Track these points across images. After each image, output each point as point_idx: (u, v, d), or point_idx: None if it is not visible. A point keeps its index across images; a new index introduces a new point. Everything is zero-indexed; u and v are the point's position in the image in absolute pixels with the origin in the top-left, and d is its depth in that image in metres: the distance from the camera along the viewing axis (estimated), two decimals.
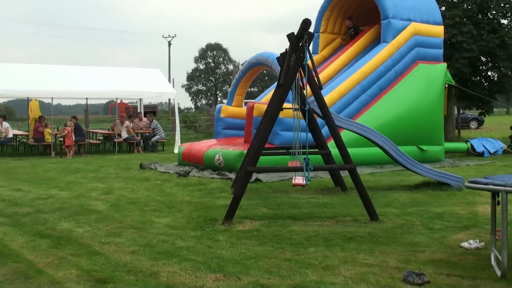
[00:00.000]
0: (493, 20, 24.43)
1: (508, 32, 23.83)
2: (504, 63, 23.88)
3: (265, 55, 17.84)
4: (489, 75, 25.66)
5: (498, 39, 23.43)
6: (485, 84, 25.43)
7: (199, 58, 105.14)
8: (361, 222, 8.47)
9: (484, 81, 25.56)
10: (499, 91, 25.80)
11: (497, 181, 5.93)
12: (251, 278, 5.72)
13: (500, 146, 20.24)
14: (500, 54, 23.73)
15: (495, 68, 24.80)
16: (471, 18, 23.76)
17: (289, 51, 9.44)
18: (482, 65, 25.24)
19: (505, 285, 5.39)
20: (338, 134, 9.65)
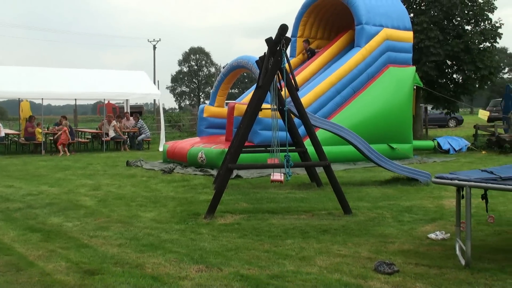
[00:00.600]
0: (458, 26, 24.61)
1: (472, 37, 24.02)
2: (468, 66, 24.07)
3: (245, 58, 17.84)
4: (454, 77, 25.84)
5: (463, 44, 23.63)
6: (451, 86, 25.61)
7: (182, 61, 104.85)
8: (335, 216, 8.50)
9: (450, 83, 25.74)
10: (463, 92, 26.00)
11: (462, 176, 5.98)
12: (232, 268, 5.72)
13: (465, 144, 20.40)
14: (464, 58, 23.91)
15: (460, 71, 24.98)
16: (438, 24, 23.93)
17: (267, 55, 9.44)
18: (448, 68, 25.43)
19: (468, 273, 5.44)
20: (313, 133, 9.68)
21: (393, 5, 18.39)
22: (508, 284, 5.08)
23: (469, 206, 5.64)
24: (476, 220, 7.68)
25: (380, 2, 17.90)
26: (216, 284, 5.23)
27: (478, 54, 24.11)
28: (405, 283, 5.19)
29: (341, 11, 18.80)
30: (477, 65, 23.95)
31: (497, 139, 19.50)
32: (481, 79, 25.09)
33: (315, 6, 18.93)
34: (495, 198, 9.22)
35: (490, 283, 5.14)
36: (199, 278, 5.41)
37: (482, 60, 24.03)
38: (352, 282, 5.24)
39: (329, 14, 19.55)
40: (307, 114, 9.90)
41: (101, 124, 25.50)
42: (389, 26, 17.72)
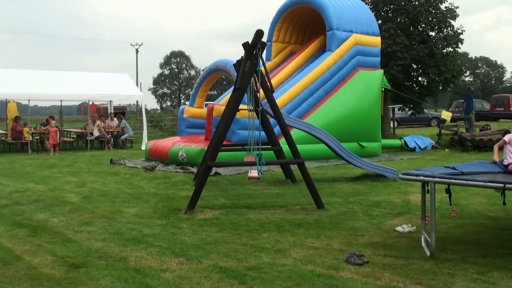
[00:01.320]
0: (423, 32, 24.81)
1: (436, 43, 24.24)
2: (432, 70, 24.29)
3: (223, 61, 17.82)
4: (419, 80, 26.04)
5: (427, 49, 23.83)
6: (416, 88, 25.81)
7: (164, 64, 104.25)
8: (309, 210, 8.52)
9: (415, 86, 25.94)
10: (428, 94, 26.22)
11: (427, 172, 6.04)
12: (211, 261, 5.70)
13: (429, 142, 20.59)
14: (429, 62, 24.12)
15: (425, 74, 25.20)
16: (404, 30, 24.10)
17: (244, 58, 9.43)
18: (413, 72, 25.61)
19: (433, 263, 5.49)
20: (288, 132, 9.69)
21: (362, 12, 18.49)
22: (470, 273, 5.13)
23: (433, 200, 5.69)
24: (440, 213, 7.75)
25: (350, 9, 17.99)
26: (196, 276, 5.21)
27: (442, 58, 24.34)
28: (374, 273, 5.22)
29: (314, 17, 18.84)
30: (441, 68, 24.18)
31: (459, 138, 19.71)
32: (444, 81, 25.34)
33: (289, 12, 18.95)
34: (458, 193, 9.32)
35: (453, 272, 5.19)
36: (180, 270, 5.39)
37: (445, 64, 24.27)
38: (325, 273, 5.26)
39: (302, 20, 19.58)
40: (282, 115, 9.91)
41: (85, 124, 25.24)
42: (359, 32, 17.82)
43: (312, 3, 17.82)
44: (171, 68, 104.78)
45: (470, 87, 26.05)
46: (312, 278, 5.07)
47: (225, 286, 4.94)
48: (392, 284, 4.88)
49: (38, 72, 24.45)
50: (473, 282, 4.89)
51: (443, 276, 5.07)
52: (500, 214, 7.99)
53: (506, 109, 38.83)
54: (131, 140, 25.28)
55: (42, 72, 24.64)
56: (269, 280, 5.04)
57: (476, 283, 4.86)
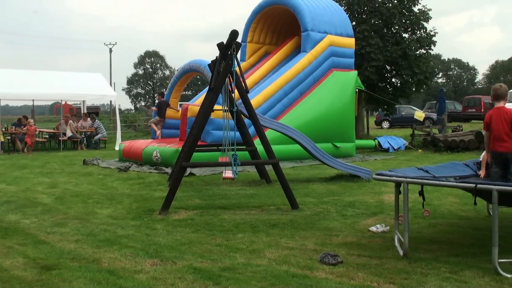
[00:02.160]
0: (396, 34, 25.08)
1: (409, 44, 24.52)
2: (405, 71, 24.57)
3: (197, 62, 17.79)
4: (393, 81, 26.33)
5: (401, 50, 24.10)
6: (390, 89, 26.08)
7: (138, 64, 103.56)
8: (284, 211, 8.54)
9: (389, 87, 26.21)
10: (401, 95, 26.52)
11: (400, 173, 6.11)
12: (186, 262, 5.68)
13: (403, 143, 20.79)
14: (402, 63, 24.40)
15: (398, 75, 25.48)
16: (378, 32, 24.33)
17: (219, 59, 9.41)
18: (387, 73, 25.88)
19: (406, 263, 5.54)
20: (263, 132, 9.71)
21: (336, 13, 18.61)
22: (442, 272, 5.19)
23: (406, 200, 5.75)
24: (413, 213, 7.82)
25: (324, 10, 18.09)
26: (170, 277, 5.18)
27: (415, 60, 24.64)
28: (348, 273, 5.25)
29: (288, 18, 18.90)
30: (414, 70, 24.48)
31: (432, 138, 19.94)
32: (418, 83, 25.67)
33: (264, 13, 18.97)
34: (430, 193, 9.42)
35: (426, 271, 5.25)
36: (154, 272, 5.35)
37: (418, 66, 24.57)
38: (299, 273, 5.27)
39: (277, 20, 19.63)
40: (256, 115, 9.92)
41: (58, 124, 24.96)
42: (333, 33, 17.92)
43: (287, 4, 17.88)
44: (145, 68, 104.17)
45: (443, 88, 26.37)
46: (287, 278, 5.08)
47: (200, 287, 4.92)
48: (366, 284, 4.91)
49: (9, 71, 24.10)
50: (446, 281, 4.95)
51: (416, 275, 5.12)
52: (472, 214, 8.10)
53: (477, 110, 39.44)
54: (104, 141, 25.09)
55: (13, 71, 24.30)
56: (243, 281, 5.04)
57: (449, 282, 4.92)
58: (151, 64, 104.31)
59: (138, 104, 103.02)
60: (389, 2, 24.85)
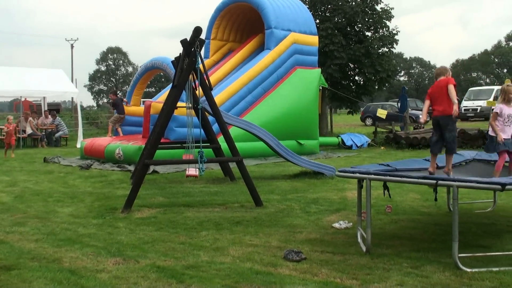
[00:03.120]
0: (359, 32, 25.35)
1: (372, 43, 24.82)
2: (368, 69, 24.86)
3: (160, 59, 17.69)
4: (356, 79, 26.61)
5: (363, 49, 24.37)
6: (353, 87, 26.35)
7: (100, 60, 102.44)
8: (248, 208, 8.54)
9: (352, 85, 26.48)
10: (364, 93, 26.84)
11: (362, 170, 6.16)
12: (149, 260, 5.63)
13: (366, 140, 21.04)
14: (365, 61, 24.67)
15: (361, 73, 25.76)
16: (341, 30, 24.54)
17: (182, 56, 9.36)
18: (350, 71, 26.14)
19: (369, 258, 5.61)
20: (227, 130, 9.70)
21: (300, 11, 18.70)
22: (404, 267, 5.27)
23: (369, 197, 5.81)
24: (376, 210, 7.92)
25: (288, 8, 18.16)
26: (133, 276, 5.13)
27: (377, 58, 24.95)
28: (312, 269, 5.28)
29: (252, 16, 18.90)
30: (377, 68, 24.79)
31: (394, 136, 20.23)
32: (380, 81, 26.01)
33: (228, 10, 18.93)
34: (392, 189, 9.48)
35: (388, 267, 5.31)
36: (116, 271, 5.29)
37: (381, 64, 24.89)
38: (263, 270, 5.28)
39: (241, 18, 19.61)
40: (220, 112, 9.90)
41: (17, 121, 24.46)
42: (297, 31, 18.00)
43: (250, 1, 17.88)
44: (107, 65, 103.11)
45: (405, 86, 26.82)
46: (251, 276, 5.08)
47: (163, 285, 4.88)
48: (329, 280, 4.95)
49: None
50: (407, 276, 5.02)
51: (378, 271, 5.18)
52: (433, 210, 8.24)
53: None
54: (65, 138, 24.73)
55: None
56: (207, 279, 5.02)
57: (410, 276, 4.99)
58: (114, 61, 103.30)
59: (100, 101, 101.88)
60: (352, 1, 25.12)
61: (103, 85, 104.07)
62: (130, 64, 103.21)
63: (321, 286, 4.80)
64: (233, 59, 18.11)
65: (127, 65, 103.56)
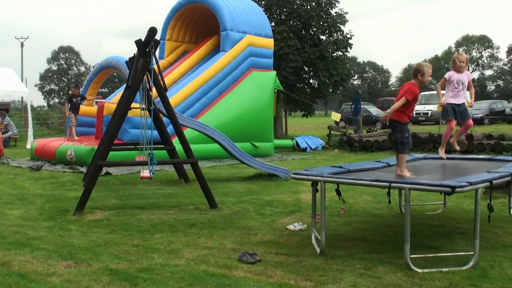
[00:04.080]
0: (314, 36, 25.61)
1: (326, 46, 25.10)
2: (323, 73, 25.14)
3: (114, 58, 17.48)
4: (311, 82, 26.87)
5: (318, 52, 24.63)
6: (308, 90, 26.60)
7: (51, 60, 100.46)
8: (202, 210, 8.51)
9: (307, 88, 26.73)
10: (319, 96, 27.13)
11: (317, 172, 6.22)
12: (101, 263, 5.54)
13: (320, 143, 21.26)
14: (320, 65, 24.94)
15: (316, 76, 26.04)
16: (296, 34, 24.75)
17: (137, 56, 9.26)
18: (305, 74, 26.37)
19: (323, 260, 5.66)
20: (181, 131, 9.65)
21: (256, 14, 18.77)
22: (357, 269, 5.34)
23: (323, 199, 5.86)
24: (330, 212, 8.00)
25: (244, 10, 18.20)
26: (85, 279, 5.04)
27: (332, 61, 25.26)
28: (267, 271, 5.29)
29: (208, 17, 18.87)
30: (331, 71, 25.10)
31: (348, 139, 20.51)
32: (334, 84, 26.34)
33: (183, 11, 18.85)
34: (346, 192, 9.63)
35: (342, 268, 5.37)
36: (68, 274, 5.19)
37: (335, 67, 25.22)
38: (218, 272, 5.27)
39: (196, 19, 19.55)
40: (175, 114, 9.84)
41: None
42: (252, 33, 18.06)
43: (206, 3, 17.85)
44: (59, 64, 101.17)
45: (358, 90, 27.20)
46: (205, 278, 5.07)
47: None
48: (283, 282, 4.97)
49: None
50: (360, 277, 5.09)
51: (332, 272, 5.23)
52: (385, 212, 8.37)
53: None
54: (15, 138, 24.17)
55: None
56: (161, 281, 4.98)
57: (363, 277, 5.06)
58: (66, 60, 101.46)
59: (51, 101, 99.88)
60: (307, 5, 25.33)
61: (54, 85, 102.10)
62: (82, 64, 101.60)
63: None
64: (188, 60, 18.03)
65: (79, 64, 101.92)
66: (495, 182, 5.62)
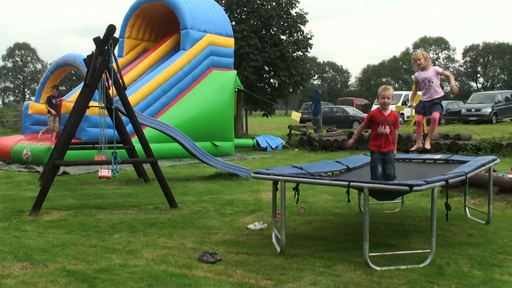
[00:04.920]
0: (275, 35, 25.70)
1: (286, 46, 25.22)
2: (283, 72, 25.25)
3: (72, 56, 17.22)
4: (271, 82, 26.95)
5: (279, 52, 24.73)
6: (268, 90, 26.68)
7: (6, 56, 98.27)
8: (162, 210, 8.45)
9: (267, 87, 26.80)
10: (279, 95, 27.22)
11: (277, 171, 6.24)
12: (58, 264, 5.44)
13: (280, 142, 21.37)
14: (280, 64, 25.05)
15: (276, 76, 26.13)
16: (257, 33, 24.78)
17: (95, 54, 9.14)
18: (265, 74, 26.44)
19: (283, 259, 5.68)
20: (141, 130, 9.57)
21: (216, 13, 18.74)
22: (317, 267, 5.38)
23: (283, 198, 5.88)
24: (290, 211, 8.04)
25: (204, 9, 18.15)
26: (41, 280, 4.95)
27: (292, 61, 25.40)
28: (227, 270, 5.29)
29: (168, 16, 18.75)
30: (291, 71, 25.24)
31: (308, 138, 20.66)
32: (294, 84, 26.48)
33: (143, 9, 18.68)
34: (306, 191, 9.74)
35: (302, 266, 5.41)
36: (23, 276, 5.08)
37: (295, 67, 25.36)
38: (178, 272, 5.24)
39: (156, 17, 19.41)
40: (134, 113, 9.75)
41: None
42: (213, 32, 18.02)
43: (166, 1, 17.74)
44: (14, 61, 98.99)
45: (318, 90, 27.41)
46: (165, 278, 5.03)
47: None
48: (244, 281, 4.98)
49: None
50: (320, 275, 5.13)
51: (292, 271, 5.27)
52: (345, 211, 8.47)
53: None
54: None
55: None
56: (120, 282, 4.92)
57: (323, 276, 5.11)
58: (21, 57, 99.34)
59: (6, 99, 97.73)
60: (267, 4, 25.40)
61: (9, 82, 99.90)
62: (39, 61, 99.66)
63: (236, 287, 4.82)
64: (147, 59, 17.88)
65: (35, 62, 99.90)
66: (451, 181, 5.74)
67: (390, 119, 6.39)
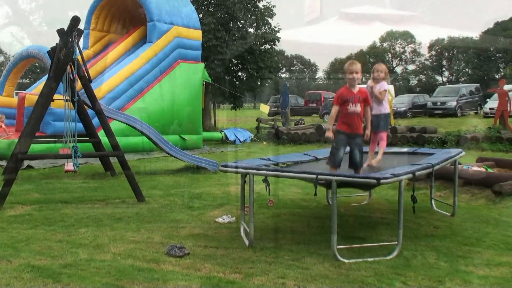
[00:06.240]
0: (242, 28, 25.66)
1: (254, 39, 25.21)
2: (251, 65, 25.24)
3: (36, 47, 16.90)
4: (239, 75, 26.93)
5: (246, 45, 24.70)
6: (236, 83, 26.64)
7: None
8: (129, 204, 8.38)
9: (235, 80, 26.76)
10: (247, 89, 27.21)
11: (245, 164, 6.24)
12: (23, 260, 5.35)
13: (249, 135, 21.37)
14: (248, 58, 25.03)
15: (244, 69, 26.10)
16: (224, 26, 24.70)
17: (59, 46, 8.98)
18: (233, 66, 26.40)
19: (252, 252, 5.69)
20: (107, 124, 9.45)
21: (183, 5, 18.59)
22: (286, 260, 5.40)
23: (252, 191, 5.89)
24: (258, 204, 8.05)
25: (171, 1, 17.99)
26: (5, 277, 4.85)
27: (260, 55, 25.40)
28: (195, 264, 5.27)
29: (134, 7, 18.53)
30: (259, 64, 25.25)
31: (276, 131, 20.70)
32: (262, 77, 26.49)
33: (108, 0, 18.42)
34: (274, 184, 9.75)
35: (270, 260, 5.42)
36: None
37: (263, 60, 25.38)
38: (145, 266, 5.20)
39: (122, 9, 19.16)
40: (100, 105, 9.62)
41: None
42: (179, 24, 17.88)
43: None
44: None
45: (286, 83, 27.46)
46: (132, 273, 4.99)
47: (38, 286, 4.66)
48: (212, 274, 4.96)
49: None
50: (289, 268, 5.15)
51: (261, 264, 5.27)
52: (313, 204, 8.51)
53: (318, 104, 41.67)
54: None
55: None
56: (86, 277, 4.86)
57: (291, 269, 5.12)
58: None
59: None
60: None
61: None
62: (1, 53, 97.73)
63: (204, 281, 4.81)
64: (114, 51, 17.64)
65: None
66: (418, 174, 5.81)
67: (361, 96, 6.19)
